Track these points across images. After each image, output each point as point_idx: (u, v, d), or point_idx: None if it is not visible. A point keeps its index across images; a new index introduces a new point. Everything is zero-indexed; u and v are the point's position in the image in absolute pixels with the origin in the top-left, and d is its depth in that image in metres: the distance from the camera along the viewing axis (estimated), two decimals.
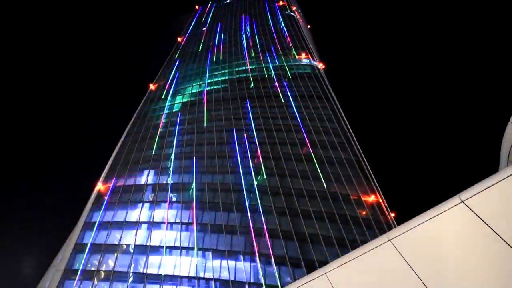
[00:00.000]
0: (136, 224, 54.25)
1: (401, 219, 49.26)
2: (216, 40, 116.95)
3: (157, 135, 74.11)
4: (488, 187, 6.73)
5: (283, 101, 73.44)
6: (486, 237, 6.55)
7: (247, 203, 53.68)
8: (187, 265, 47.77)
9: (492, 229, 6.51)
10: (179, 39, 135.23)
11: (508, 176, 6.71)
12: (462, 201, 6.99)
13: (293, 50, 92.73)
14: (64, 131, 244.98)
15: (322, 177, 55.45)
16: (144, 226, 53.99)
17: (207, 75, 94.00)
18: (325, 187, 53.92)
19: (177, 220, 53.85)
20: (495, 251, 6.44)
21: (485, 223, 6.61)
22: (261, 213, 51.64)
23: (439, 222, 7.29)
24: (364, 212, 50.36)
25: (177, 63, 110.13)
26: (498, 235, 6.42)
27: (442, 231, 7.29)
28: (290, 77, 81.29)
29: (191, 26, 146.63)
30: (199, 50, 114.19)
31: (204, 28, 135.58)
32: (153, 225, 53.64)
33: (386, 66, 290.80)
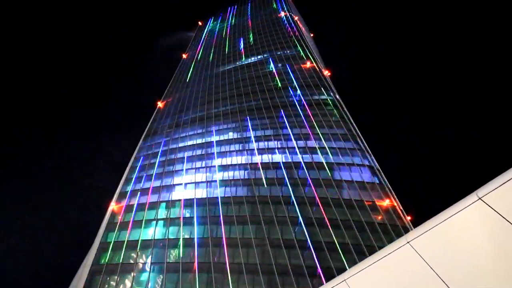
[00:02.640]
0: (151, 242, 54.23)
1: (418, 222, 48.61)
2: (220, 53, 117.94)
3: (168, 151, 74.45)
4: (505, 182, 6.58)
5: (291, 110, 73.46)
6: (507, 232, 6.40)
7: (261, 214, 53.44)
8: (204, 281, 47.47)
9: None
10: (184, 56, 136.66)
11: None
12: (480, 198, 6.84)
13: (298, 60, 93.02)
14: (74, 150, 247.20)
15: (334, 184, 55.14)
16: (159, 243, 53.93)
17: (213, 90, 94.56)
18: (339, 194, 53.56)
19: (192, 236, 53.73)
20: None
21: (505, 219, 6.46)
22: (276, 224, 51.35)
23: (458, 221, 7.15)
24: (379, 217, 49.82)
25: (183, 80, 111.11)
26: None
27: (461, 230, 7.16)
28: (296, 86, 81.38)
29: (194, 42, 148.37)
30: (204, 66, 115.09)
31: (207, 43, 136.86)
32: (168, 242, 53.55)
33: (394, 68, 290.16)
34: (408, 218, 49.65)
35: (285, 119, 71.80)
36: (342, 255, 45.18)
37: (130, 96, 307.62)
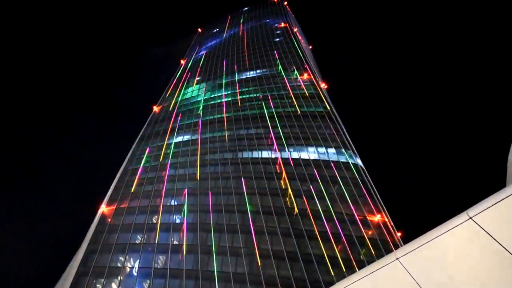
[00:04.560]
0: (140, 247, 53.84)
1: (408, 238, 48.60)
2: (218, 62, 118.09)
3: (161, 156, 74.24)
4: (497, 202, 6.58)
5: (286, 121, 73.61)
6: (496, 254, 6.40)
7: (251, 224, 53.25)
8: None
9: (502, 246, 6.36)
10: (182, 62, 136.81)
11: None
12: (470, 218, 6.84)
13: (296, 71, 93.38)
14: (67, 152, 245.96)
15: (327, 197, 55.11)
16: (148, 248, 53.53)
17: (210, 97, 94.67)
18: (330, 207, 53.52)
19: (181, 243, 53.42)
20: (506, 268, 6.29)
21: (494, 239, 6.47)
22: (266, 234, 51.19)
23: (448, 240, 7.14)
24: (370, 232, 49.81)
25: (180, 86, 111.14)
26: (509, 252, 6.27)
27: (450, 249, 7.14)
28: (293, 97, 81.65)
29: (193, 49, 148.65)
30: (202, 73, 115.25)
31: (205, 51, 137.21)
32: (157, 247, 53.17)
33: (388, 83, 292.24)
34: (399, 234, 49.69)
35: (279, 129, 71.92)
36: (331, 268, 45.10)
37: (126, 100, 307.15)
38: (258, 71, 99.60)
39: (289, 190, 57.65)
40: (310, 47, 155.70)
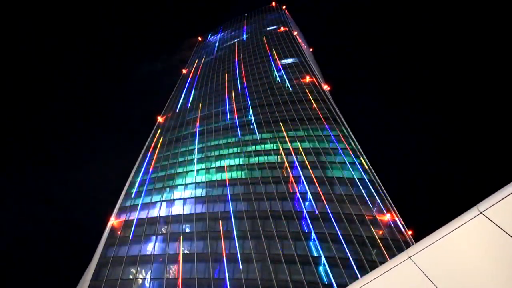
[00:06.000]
0: (151, 258, 53.82)
1: (419, 237, 48.20)
2: (220, 69, 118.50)
3: (168, 167, 74.33)
4: (507, 196, 6.55)
5: (291, 125, 73.56)
6: (509, 247, 6.36)
7: (261, 229, 53.12)
8: None
9: None
10: (184, 71, 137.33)
11: None
12: (481, 212, 6.81)
13: (298, 74, 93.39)
14: (74, 164, 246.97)
15: (335, 199, 54.88)
16: (159, 259, 53.51)
17: (213, 104, 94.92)
18: (339, 209, 53.27)
19: (192, 251, 53.35)
20: None
21: (506, 233, 6.43)
22: (276, 239, 51.01)
23: (459, 236, 7.10)
24: (380, 232, 49.49)
25: (183, 95, 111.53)
26: None
27: (462, 245, 7.10)
28: (296, 100, 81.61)
29: (194, 58, 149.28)
30: (204, 81, 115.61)
31: (206, 59, 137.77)
32: (168, 257, 53.14)
33: (393, 80, 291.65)
34: (409, 232, 49.31)
35: (285, 133, 71.87)
36: (343, 270, 44.80)
37: (130, 110, 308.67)
38: (259, 75, 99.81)
39: (297, 193, 57.48)
40: (311, 49, 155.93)
